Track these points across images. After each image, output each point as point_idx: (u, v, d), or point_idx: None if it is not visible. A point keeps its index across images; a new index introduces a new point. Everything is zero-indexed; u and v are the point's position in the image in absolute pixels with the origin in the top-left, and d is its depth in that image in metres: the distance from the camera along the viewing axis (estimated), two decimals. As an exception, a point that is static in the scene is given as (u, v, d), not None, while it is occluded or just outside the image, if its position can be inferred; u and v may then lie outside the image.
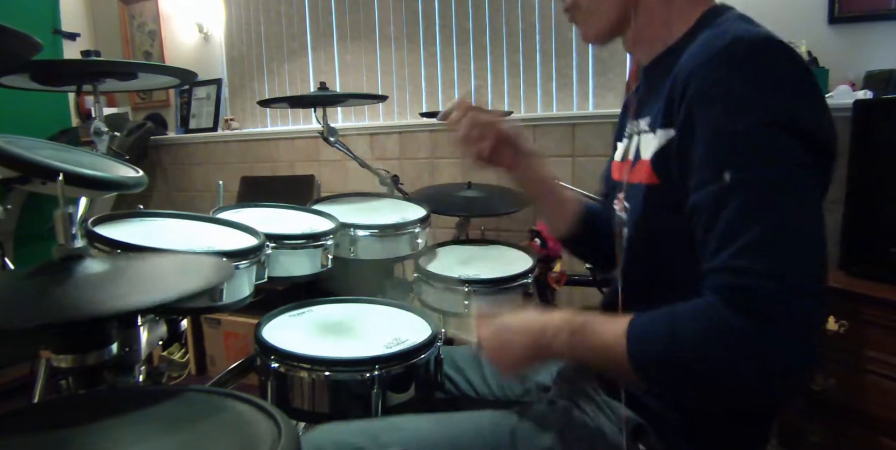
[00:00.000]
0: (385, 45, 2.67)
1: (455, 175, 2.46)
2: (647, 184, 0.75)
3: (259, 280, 1.08)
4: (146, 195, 3.31)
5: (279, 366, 0.96)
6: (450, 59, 2.52)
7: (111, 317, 0.73)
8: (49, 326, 0.64)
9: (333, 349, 1.01)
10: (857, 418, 1.42)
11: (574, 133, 2.22)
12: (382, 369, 0.95)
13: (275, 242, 1.15)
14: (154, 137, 3.19)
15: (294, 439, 0.57)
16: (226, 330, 2.44)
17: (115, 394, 0.76)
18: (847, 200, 1.55)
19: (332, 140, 1.73)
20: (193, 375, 2.53)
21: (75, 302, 0.65)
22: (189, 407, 0.64)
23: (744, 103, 0.62)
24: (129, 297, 0.65)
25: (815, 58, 1.81)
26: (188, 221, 1.19)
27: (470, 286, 1.31)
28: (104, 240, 0.92)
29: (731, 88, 0.63)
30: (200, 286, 0.69)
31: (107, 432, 0.59)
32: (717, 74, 0.64)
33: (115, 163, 1.23)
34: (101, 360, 0.75)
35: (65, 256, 0.72)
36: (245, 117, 3.14)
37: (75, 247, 0.73)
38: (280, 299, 1.21)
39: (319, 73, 2.86)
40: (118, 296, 0.66)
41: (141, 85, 1.63)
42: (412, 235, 1.43)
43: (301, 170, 2.89)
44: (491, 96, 2.44)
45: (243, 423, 0.60)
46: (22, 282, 0.72)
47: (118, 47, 3.38)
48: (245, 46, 3.07)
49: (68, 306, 0.63)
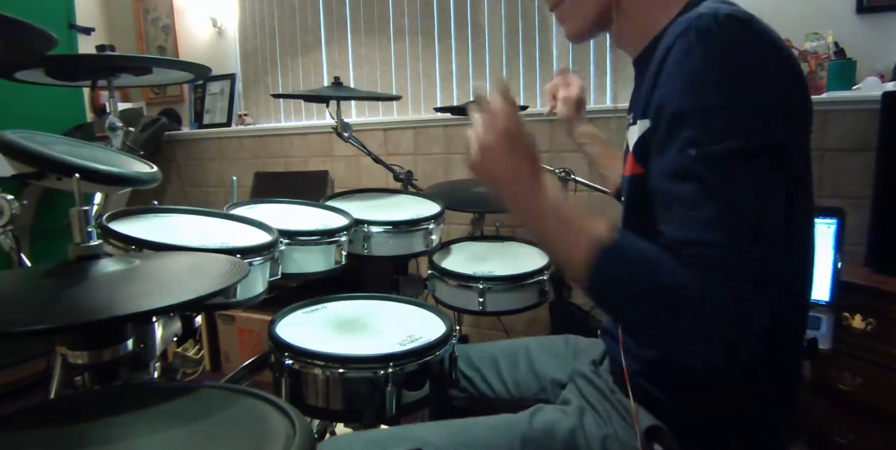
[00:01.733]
0: (399, 38, 2.66)
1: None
2: (632, 174, 0.74)
3: (273, 277, 1.08)
4: (160, 191, 3.33)
5: (293, 363, 0.96)
6: (465, 53, 2.49)
7: (126, 319, 0.73)
8: (64, 328, 0.64)
9: (347, 346, 1.00)
10: (886, 418, 1.39)
11: (590, 128, 2.18)
12: (397, 367, 0.94)
13: (288, 239, 1.15)
14: (168, 133, 3.20)
15: (308, 436, 0.57)
16: (240, 326, 2.45)
17: (130, 390, 0.76)
18: (875, 195, 1.52)
19: (346, 135, 1.73)
20: (208, 371, 2.54)
21: (91, 304, 0.65)
22: (204, 404, 0.65)
23: (703, 77, 0.61)
24: (145, 298, 0.66)
25: (843, 49, 1.75)
26: (202, 217, 1.19)
27: (484, 283, 1.30)
28: (119, 236, 0.92)
29: (690, 65, 0.62)
30: (215, 287, 0.69)
31: (122, 428, 0.60)
32: (679, 51, 0.63)
33: (130, 158, 1.24)
34: (117, 356, 0.76)
35: (81, 255, 0.72)
36: (259, 112, 3.14)
37: (91, 245, 0.73)
38: (294, 296, 1.20)
39: (333, 67, 2.85)
40: (134, 297, 0.66)
41: (155, 80, 1.64)
42: (426, 232, 1.42)
43: (315, 165, 2.89)
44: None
45: (258, 420, 0.60)
46: (38, 281, 0.72)
47: (132, 42, 3.40)
48: (259, 41, 3.07)
49: (84, 308, 0.63)
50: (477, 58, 2.47)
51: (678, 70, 0.63)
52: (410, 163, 2.57)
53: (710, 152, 0.59)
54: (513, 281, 1.33)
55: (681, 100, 0.62)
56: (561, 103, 1.28)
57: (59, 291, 0.67)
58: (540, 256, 1.48)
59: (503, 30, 2.39)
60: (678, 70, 0.63)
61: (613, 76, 2.22)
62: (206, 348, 2.54)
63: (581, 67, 2.24)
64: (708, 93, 0.61)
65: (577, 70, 2.33)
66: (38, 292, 0.69)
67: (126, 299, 0.66)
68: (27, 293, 0.70)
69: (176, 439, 0.58)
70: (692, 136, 0.61)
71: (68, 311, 0.63)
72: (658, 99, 0.66)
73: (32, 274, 0.77)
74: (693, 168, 0.60)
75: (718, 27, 0.62)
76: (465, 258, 1.50)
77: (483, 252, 1.55)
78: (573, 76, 1.29)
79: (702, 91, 0.61)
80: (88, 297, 0.67)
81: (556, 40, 2.29)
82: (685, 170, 0.61)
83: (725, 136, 0.59)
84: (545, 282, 1.36)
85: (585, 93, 1.29)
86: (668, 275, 0.59)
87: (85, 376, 0.76)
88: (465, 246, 1.60)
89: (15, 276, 0.83)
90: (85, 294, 0.67)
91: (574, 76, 1.29)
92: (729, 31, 0.62)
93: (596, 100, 2.24)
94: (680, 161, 0.61)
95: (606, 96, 2.23)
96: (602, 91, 2.23)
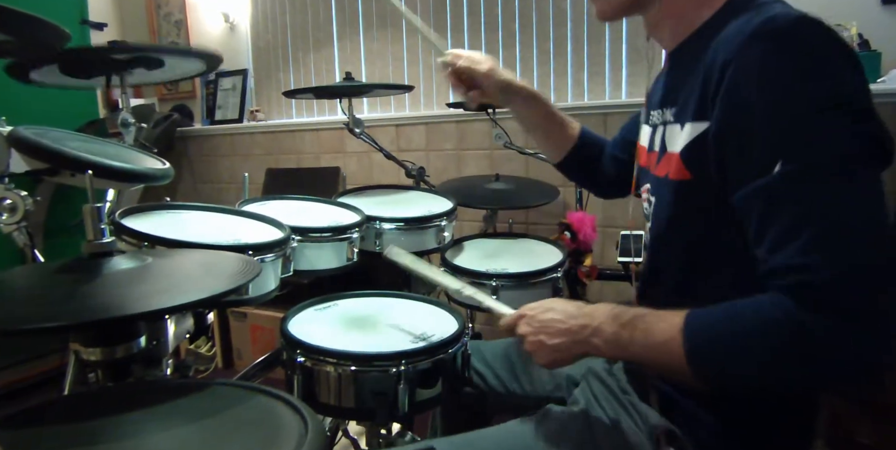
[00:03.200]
0: (412, 33, 2.64)
1: (482, 167, 2.43)
2: (677, 179, 0.72)
3: (285, 274, 1.08)
4: (173, 187, 3.35)
5: (305, 360, 0.96)
6: (478, 48, 2.46)
7: (138, 318, 0.74)
8: (76, 326, 0.65)
9: (359, 344, 0.99)
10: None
11: (606, 123, 2.16)
12: (409, 365, 0.93)
13: (300, 236, 1.15)
14: (180, 129, 3.21)
15: (321, 434, 0.57)
16: (252, 323, 2.46)
17: (143, 387, 0.77)
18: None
19: (358, 131, 1.72)
20: (220, 368, 2.55)
21: (103, 301, 0.65)
22: (216, 401, 0.65)
23: (786, 88, 0.59)
24: (157, 296, 0.66)
25: (867, 40, 1.71)
26: (214, 213, 1.19)
27: (497, 281, 1.29)
28: (132, 232, 0.92)
29: (770, 74, 0.59)
30: (227, 286, 0.69)
31: (135, 426, 0.60)
32: (753, 59, 0.60)
33: (143, 155, 1.24)
34: (130, 353, 0.76)
35: (93, 252, 0.73)
36: (270, 108, 3.14)
37: (104, 242, 0.73)
38: (306, 293, 1.20)
39: (345, 62, 2.84)
40: (146, 295, 0.67)
41: (167, 75, 1.64)
42: (438, 229, 1.41)
43: (326, 162, 2.89)
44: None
45: (270, 417, 0.61)
46: (51, 278, 0.73)
47: (145, 37, 3.41)
48: (271, 36, 3.07)
49: (96, 306, 0.64)
50: (490, 52, 2.44)
51: (756, 78, 0.60)
52: (422, 159, 2.56)
53: (806, 166, 0.57)
54: (526, 278, 1.31)
55: (765, 111, 0.60)
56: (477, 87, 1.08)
57: (72, 288, 0.68)
58: (553, 252, 1.47)
59: (517, 24, 2.36)
60: (756, 78, 0.60)
61: (629, 70, 2.18)
62: (218, 345, 2.55)
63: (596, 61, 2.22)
64: (794, 103, 0.59)
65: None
66: (50, 289, 0.69)
67: (138, 298, 0.66)
68: (40, 290, 0.71)
69: (188, 437, 0.59)
70: (781, 149, 0.58)
71: (81, 308, 0.63)
72: (730, 107, 0.63)
73: (45, 270, 0.77)
74: (787, 186, 0.58)
75: (797, 32, 0.59)
76: (478, 255, 1.48)
77: (496, 249, 1.54)
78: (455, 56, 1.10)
79: (787, 101, 0.59)
80: (101, 294, 0.67)
81: (570, 34, 2.26)
82: (778, 188, 0.58)
83: (820, 149, 0.57)
84: (559, 279, 1.35)
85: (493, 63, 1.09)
86: (760, 311, 0.58)
87: (98, 373, 0.76)
88: (477, 243, 1.59)
89: (28, 272, 0.83)
90: (97, 291, 0.67)
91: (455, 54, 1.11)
92: (808, 35, 0.59)
93: (611, 95, 2.21)
94: (772, 179, 0.58)
95: (622, 91, 2.20)
96: (617, 86, 2.20)
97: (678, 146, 0.71)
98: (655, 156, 0.79)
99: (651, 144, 0.82)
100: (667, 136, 0.75)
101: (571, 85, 2.29)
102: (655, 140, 0.80)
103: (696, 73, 0.68)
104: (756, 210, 0.60)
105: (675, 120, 0.73)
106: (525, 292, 1.32)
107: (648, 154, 0.83)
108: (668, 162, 0.74)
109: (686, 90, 0.71)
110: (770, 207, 0.59)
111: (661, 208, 0.77)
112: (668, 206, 0.74)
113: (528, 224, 2.30)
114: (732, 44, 0.63)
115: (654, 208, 0.79)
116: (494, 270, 1.32)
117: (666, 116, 0.76)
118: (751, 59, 0.60)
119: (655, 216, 0.78)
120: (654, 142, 0.80)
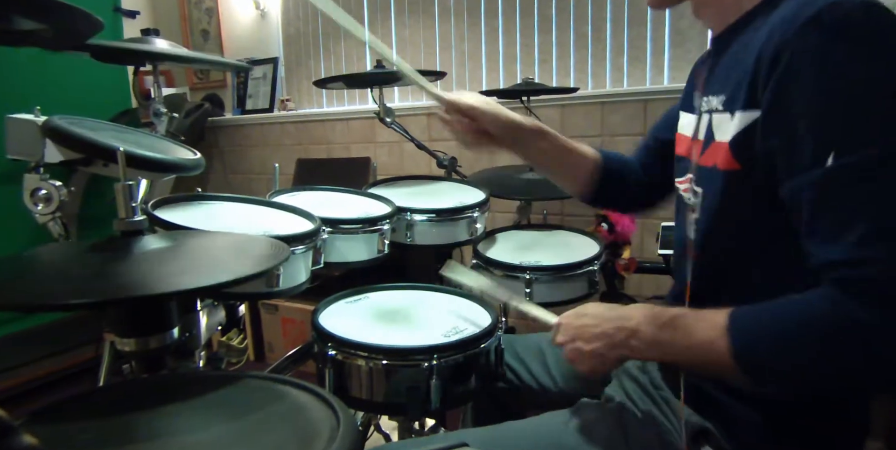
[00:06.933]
0: (444, 19, 2.59)
1: (515, 157, 2.38)
2: (726, 169, 0.69)
3: (315, 266, 1.07)
4: (204, 178, 3.39)
5: (336, 353, 0.95)
6: (512, 33, 2.41)
7: (168, 296, 0.74)
8: (105, 303, 0.65)
9: (391, 337, 0.98)
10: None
11: (646, 110, 2.09)
12: (441, 359, 0.92)
13: (331, 227, 1.14)
14: (211, 119, 3.24)
15: (353, 428, 0.56)
16: (283, 316, 2.47)
17: (176, 379, 0.77)
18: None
19: (389, 121, 1.70)
20: (252, 361, 2.57)
21: (132, 279, 0.65)
22: (248, 394, 0.65)
23: (846, 76, 0.56)
24: (187, 276, 0.66)
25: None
26: (245, 204, 1.19)
27: (531, 273, 1.26)
28: (164, 223, 0.92)
29: (829, 61, 0.57)
30: (257, 268, 0.68)
31: (168, 419, 0.61)
32: (812, 46, 0.57)
33: (174, 145, 1.24)
34: (163, 344, 0.76)
35: (125, 230, 0.73)
36: (301, 97, 3.14)
37: (135, 220, 0.73)
38: (337, 285, 1.19)
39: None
40: (175, 274, 0.66)
41: (199, 65, 1.64)
42: (471, 220, 1.39)
43: (357, 152, 2.88)
44: (556, 72, 2.32)
45: (301, 411, 0.61)
46: (81, 256, 0.73)
47: (176, 25, 3.43)
48: (301, 23, 3.05)
49: (125, 284, 0.64)
50: (525, 37, 2.39)
51: (815, 66, 0.58)
52: (454, 149, 2.52)
53: (863, 158, 0.55)
54: (561, 271, 1.29)
55: (821, 99, 0.58)
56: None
57: (102, 267, 0.68)
58: (590, 244, 1.43)
59: (554, 6, 2.29)
60: (815, 66, 0.58)
61: (672, 53, 2.10)
62: (249, 338, 2.57)
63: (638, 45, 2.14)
64: (855, 93, 0.56)
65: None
66: (80, 267, 0.70)
67: (168, 277, 0.66)
68: (70, 267, 0.71)
69: (220, 430, 0.59)
70: (837, 140, 0.56)
71: (110, 286, 0.63)
72: (784, 93, 0.60)
73: (76, 248, 0.78)
74: (843, 178, 0.56)
75: (862, 14, 0.57)
76: (511, 247, 1.46)
77: (530, 241, 1.51)
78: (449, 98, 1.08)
79: (847, 90, 0.57)
80: (131, 272, 0.67)
81: (609, 17, 2.19)
82: (833, 180, 0.57)
83: (876, 141, 0.55)
84: (595, 272, 1.32)
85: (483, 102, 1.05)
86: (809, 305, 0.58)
87: (132, 364, 0.77)
88: (510, 235, 1.57)
89: (59, 249, 0.84)
90: (127, 270, 0.67)
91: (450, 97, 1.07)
92: (874, 18, 0.57)
93: (653, 80, 2.14)
94: (827, 170, 0.57)
95: (664, 76, 2.12)
96: (659, 71, 2.12)
97: (727, 136, 0.68)
98: (700, 145, 0.76)
99: (696, 132, 0.79)
100: (714, 124, 0.72)
101: (610, 70, 2.21)
102: (701, 128, 0.77)
103: (747, 59, 0.65)
104: (808, 202, 0.59)
105: (725, 108, 0.70)
106: (560, 286, 1.29)
107: (692, 142, 0.80)
108: (714, 151, 0.71)
109: (735, 77, 0.68)
110: (823, 198, 0.58)
111: (710, 199, 0.74)
112: (718, 197, 0.72)
113: (564, 215, 2.25)
114: (788, 28, 0.59)
115: (702, 200, 0.76)
116: (528, 263, 1.29)
117: (713, 104, 0.74)
118: (810, 46, 0.58)
119: (704, 208, 0.75)
120: (699, 130, 0.77)
